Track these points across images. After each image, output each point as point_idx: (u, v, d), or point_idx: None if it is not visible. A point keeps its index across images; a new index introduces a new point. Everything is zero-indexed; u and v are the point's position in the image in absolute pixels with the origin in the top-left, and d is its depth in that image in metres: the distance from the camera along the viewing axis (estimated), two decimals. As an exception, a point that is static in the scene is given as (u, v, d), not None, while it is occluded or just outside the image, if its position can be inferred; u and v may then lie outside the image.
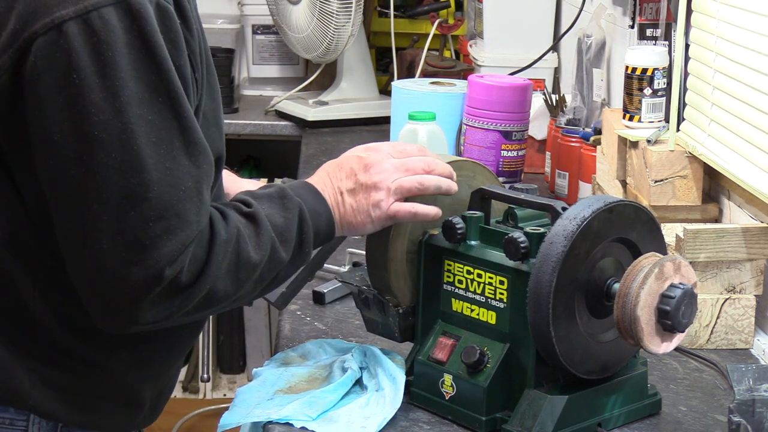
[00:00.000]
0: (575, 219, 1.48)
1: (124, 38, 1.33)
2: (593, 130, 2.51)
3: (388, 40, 3.66)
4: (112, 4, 1.33)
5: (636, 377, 1.61)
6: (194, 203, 1.37)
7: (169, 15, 1.37)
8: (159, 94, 1.34)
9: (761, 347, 1.88)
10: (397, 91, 2.67)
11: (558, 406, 1.51)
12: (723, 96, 2.00)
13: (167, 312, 1.39)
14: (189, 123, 1.37)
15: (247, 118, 3.69)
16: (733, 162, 1.94)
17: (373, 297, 1.67)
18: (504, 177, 2.49)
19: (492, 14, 3.21)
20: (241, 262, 1.44)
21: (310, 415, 1.57)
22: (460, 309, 1.61)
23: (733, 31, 1.96)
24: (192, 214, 1.37)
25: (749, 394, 1.49)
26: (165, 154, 1.35)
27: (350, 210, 1.59)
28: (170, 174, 1.35)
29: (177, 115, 1.36)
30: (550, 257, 1.47)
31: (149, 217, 1.34)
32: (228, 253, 1.42)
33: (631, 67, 2.23)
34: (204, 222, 1.39)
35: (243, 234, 1.45)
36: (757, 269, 1.89)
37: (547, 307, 1.47)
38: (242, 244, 1.45)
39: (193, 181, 1.38)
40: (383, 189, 1.59)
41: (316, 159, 3.13)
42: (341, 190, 1.60)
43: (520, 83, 2.54)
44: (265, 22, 3.90)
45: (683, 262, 1.49)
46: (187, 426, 3.84)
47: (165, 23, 1.36)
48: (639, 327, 1.46)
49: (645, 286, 1.46)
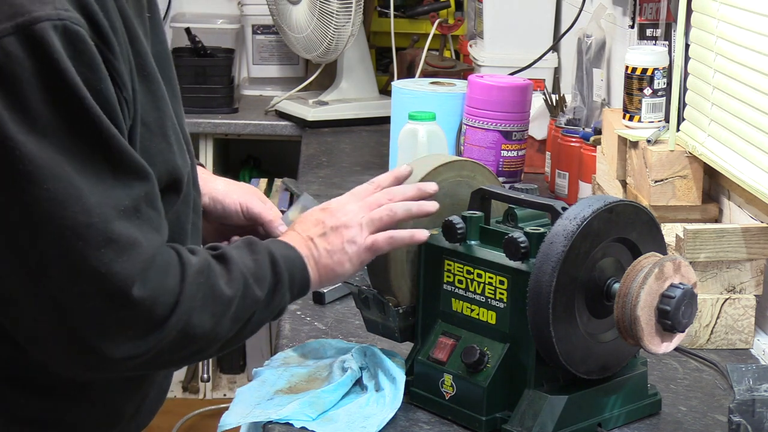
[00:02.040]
0: (575, 219, 1.48)
1: (30, 67, 1.25)
2: (593, 130, 2.51)
3: (388, 40, 3.66)
4: (13, 34, 1.25)
5: (636, 377, 1.61)
6: (135, 222, 1.32)
7: (79, 38, 1.28)
8: (76, 119, 1.28)
9: (761, 347, 1.88)
10: (397, 91, 2.67)
11: (558, 406, 1.51)
12: (723, 96, 2.00)
13: (142, 347, 1.33)
14: (114, 145, 1.30)
15: (247, 118, 3.69)
16: (733, 162, 1.94)
17: (374, 297, 1.66)
18: (504, 177, 2.49)
19: (492, 14, 3.21)
20: (215, 296, 1.39)
21: (310, 415, 1.57)
22: (460, 309, 1.61)
23: (733, 31, 1.96)
24: (137, 233, 1.31)
25: (749, 394, 1.49)
26: (94, 177, 1.29)
27: (324, 253, 1.54)
28: (106, 195, 1.29)
29: (99, 138, 1.29)
30: (550, 257, 1.47)
31: (98, 243, 1.28)
32: (201, 285, 1.38)
33: (631, 67, 2.23)
34: (154, 239, 1.34)
35: (214, 269, 1.41)
36: (757, 269, 1.89)
37: (547, 307, 1.47)
38: (213, 277, 1.40)
39: (130, 200, 1.32)
40: (354, 226, 1.56)
41: (316, 159, 3.13)
42: (310, 236, 1.55)
43: (520, 83, 2.54)
44: (265, 22, 3.90)
45: (683, 262, 1.49)
46: (187, 426, 3.84)
47: (76, 47, 1.28)
48: (639, 327, 1.46)
49: (645, 285, 1.46)
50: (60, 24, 1.27)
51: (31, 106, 1.26)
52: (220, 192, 1.73)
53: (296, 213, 1.82)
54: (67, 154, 1.27)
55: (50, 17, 1.26)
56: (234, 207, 1.73)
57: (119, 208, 1.30)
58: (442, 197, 1.65)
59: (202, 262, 1.40)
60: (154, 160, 1.40)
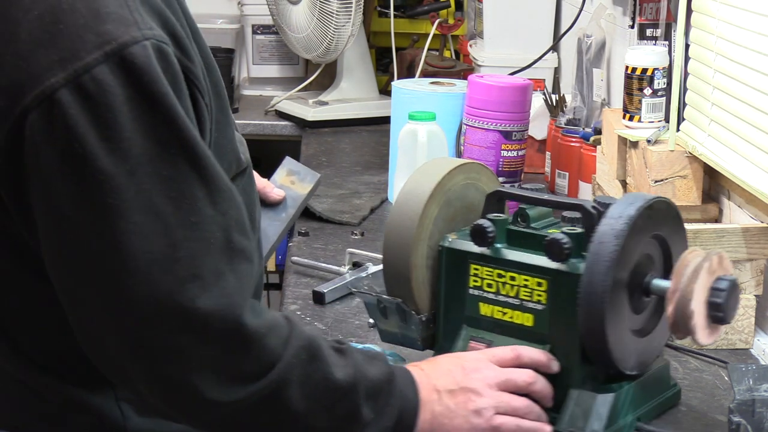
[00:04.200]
0: (621, 218, 1.49)
1: (123, 95, 1.22)
2: (593, 130, 2.51)
3: (388, 40, 3.66)
4: (104, 62, 1.22)
5: (662, 369, 1.63)
6: (225, 254, 1.28)
7: (166, 56, 1.25)
8: (171, 146, 1.24)
9: (761, 347, 1.88)
10: (397, 91, 2.67)
11: (607, 404, 1.51)
12: (723, 96, 2.00)
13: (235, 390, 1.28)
14: (209, 170, 1.27)
15: (247, 118, 3.69)
16: (733, 162, 1.94)
17: (396, 306, 1.63)
18: (504, 177, 2.48)
19: (492, 14, 3.21)
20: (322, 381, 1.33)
21: (310, 415, 1.56)
22: (489, 313, 1.59)
23: (733, 31, 1.96)
24: (224, 266, 1.27)
25: (749, 394, 1.49)
26: (188, 208, 1.25)
27: (446, 411, 1.44)
28: (197, 228, 1.25)
29: (194, 164, 1.26)
30: (601, 257, 1.47)
31: (184, 279, 1.24)
32: (306, 362, 1.32)
33: (631, 67, 2.23)
34: (241, 269, 1.30)
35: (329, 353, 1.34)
36: (757, 269, 1.89)
37: (602, 307, 1.47)
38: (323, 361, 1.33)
39: (221, 231, 1.28)
40: (486, 396, 1.46)
41: (316, 159, 3.13)
42: (437, 388, 1.45)
43: (520, 83, 2.54)
44: (265, 22, 3.90)
45: (724, 255, 1.52)
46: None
47: (166, 65, 1.25)
48: (694, 321, 1.47)
49: (698, 280, 1.47)
50: (149, 44, 1.24)
51: (125, 136, 1.22)
52: None
53: (283, 176, 1.84)
54: (161, 185, 1.24)
55: (136, 39, 1.23)
56: None
57: (210, 240, 1.27)
58: (454, 201, 1.64)
59: (316, 341, 1.35)
60: (224, 151, 1.38)
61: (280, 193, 1.79)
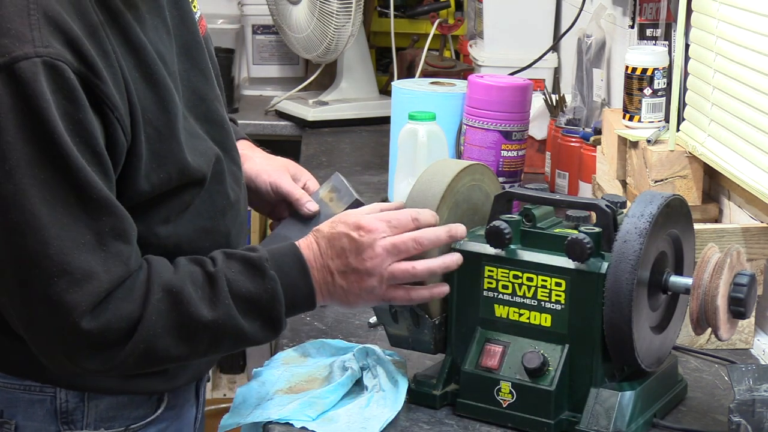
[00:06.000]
0: (643, 216, 1.50)
1: (8, 103, 1.35)
2: (593, 130, 2.51)
3: (388, 40, 3.66)
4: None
5: (672, 365, 1.64)
6: (97, 254, 1.40)
7: (58, 72, 1.37)
8: (49, 154, 1.36)
9: (761, 347, 1.88)
10: (397, 91, 2.67)
11: (629, 401, 1.51)
12: (723, 96, 2.00)
13: (106, 364, 1.43)
14: (81, 179, 1.38)
15: (247, 118, 3.68)
16: (733, 162, 1.94)
17: (410, 311, 1.62)
18: (504, 177, 2.49)
19: (492, 14, 3.21)
20: (187, 321, 1.45)
21: (310, 415, 1.57)
22: (505, 314, 1.59)
23: (733, 31, 1.96)
24: (96, 265, 1.39)
25: (749, 394, 1.48)
26: (61, 210, 1.38)
27: (340, 291, 1.55)
28: (68, 229, 1.38)
29: (70, 173, 1.37)
30: (627, 255, 1.48)
31: (52, 273, 1.37)
32: (167, 311, 1.44)
33: (631, 67, 2.23)
34: (117, 271, 1.41)
35: (190, 294, 1.45)
36: (757, 269, 1.89)
37: (629, 305, 1.47)
38: (189, 302, 1.45)
39: (93, 234, 1.40)
40: (376, 275, 1.54)
41: (316, 159, 3.13)
42: (331, 269, 1.54)
43: (520, 83, 2.54)
44: (265, 22, 3.90)
45: (741, 250, 1.53)
46: (187, 426, 3.83)
47: (56, 81, 1.37)
48: (718, 316, 1.48)
49: (722, 276, 1.48)
50: (39, 61, 1.36)
51: (7, 140, 1.35)
52: (252, 172, 1.83)
53: (326, 191, 1.86)
54: (38, 187, 1.36)
55: (28, 55, 1.36)
56: (264, 187, 1.83)
57: (80, 241, 1.39)
58: (461, 202, 1.64)
59: (177, 286, 1.45)
60: (164, 161, 1.48)
61: (313, 208, 1.82)
